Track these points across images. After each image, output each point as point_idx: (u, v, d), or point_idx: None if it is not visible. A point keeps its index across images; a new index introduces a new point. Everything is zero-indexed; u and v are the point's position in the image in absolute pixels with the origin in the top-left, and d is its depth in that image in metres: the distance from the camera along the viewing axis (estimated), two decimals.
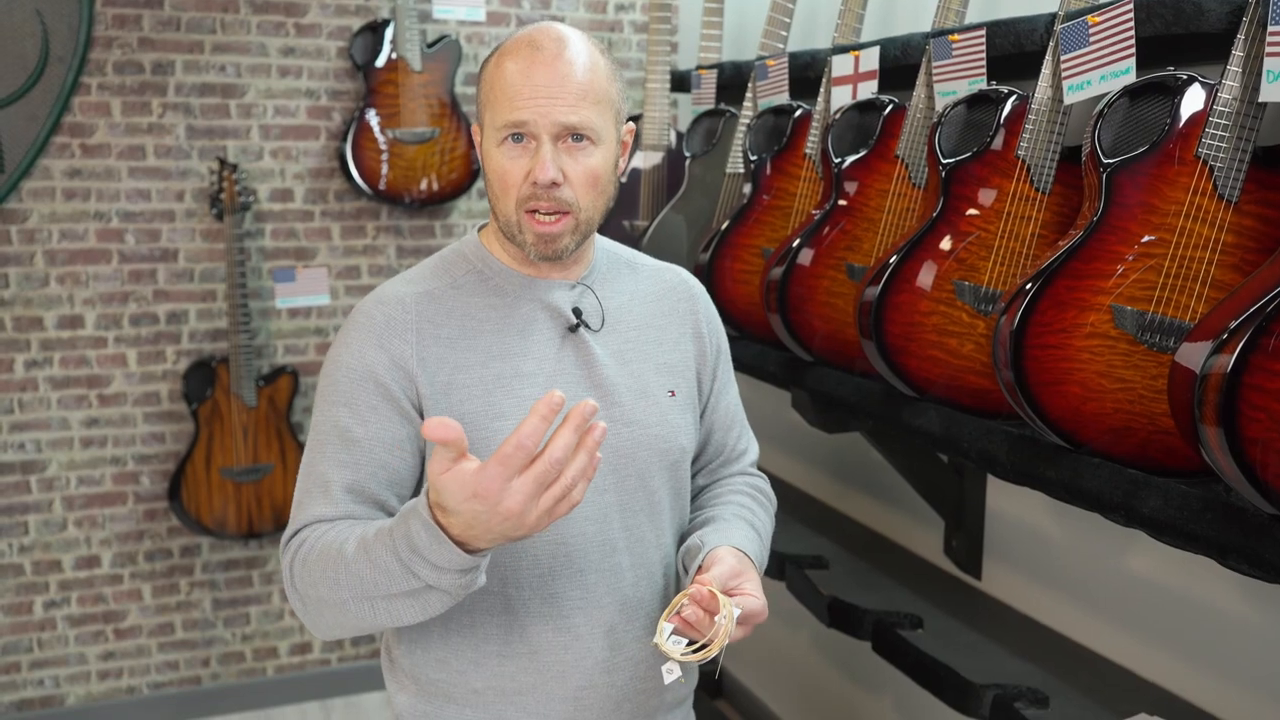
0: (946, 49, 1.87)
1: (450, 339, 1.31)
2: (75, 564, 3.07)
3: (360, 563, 1.15)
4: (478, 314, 1.33)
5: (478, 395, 1.29)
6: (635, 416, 1.36)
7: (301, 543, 1.23)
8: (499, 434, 1.26)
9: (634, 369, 1.38)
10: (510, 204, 1.28)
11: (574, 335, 1.35)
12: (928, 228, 1.72)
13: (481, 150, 1.32)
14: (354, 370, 1.29)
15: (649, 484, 1.37)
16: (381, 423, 1.27)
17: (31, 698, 3.08)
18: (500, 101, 1.25)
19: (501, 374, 1.31)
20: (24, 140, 2.86)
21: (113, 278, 2.99)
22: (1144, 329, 1.40)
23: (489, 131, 1.28)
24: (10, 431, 2.96)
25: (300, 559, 1.22)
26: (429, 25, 3.14)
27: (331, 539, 1.20)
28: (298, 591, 1.24)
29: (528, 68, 1.24)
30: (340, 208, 3.17)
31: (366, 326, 1.31)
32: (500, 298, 1.35)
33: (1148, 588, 1.84)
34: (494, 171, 1.28)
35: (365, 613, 1.18)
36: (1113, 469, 1.40)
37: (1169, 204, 1.40)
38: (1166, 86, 1.42)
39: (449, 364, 1.30)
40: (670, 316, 1.46)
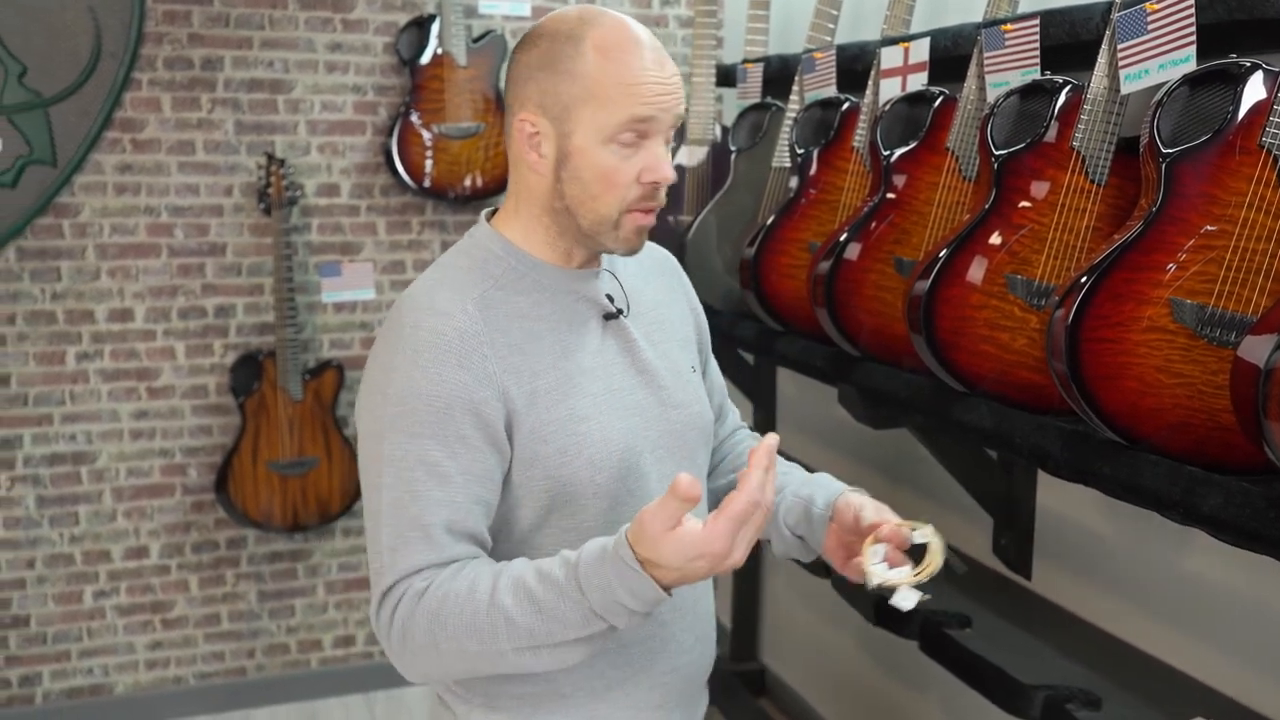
0: (999, 39, 1.84)
1: (518, 344, 1.24)
2: (124, 554, 3.11)
3: (527, 614, 1.11)
4: (531, 313, 1.26)
5: (559, 400, 1.24)
6: (679, 398, 1.35)
7: (419, 594, 1.15)
8: (584, 438, 1.23)
9: (663, 349, 1.37)
10: (614, 205, 1.22)
11: (613, 323, 1.32)
12: (979, 220, 1.69)
13: (559, 147, 1.22)
14: (437, 398, 1.18)
15: (698, 463, 1.37)
16: (473, 454, 1.19)
17: (81, 686, 3.13)
18: (617, 96, 1.18)
19: (570, 373, 1.26)
20: (76, 135, 2.89)
21: (162, 272, 3.02)
22: (1204, 323, 1.37)
23: (589, 128, 1.19)
24: (62, 423, 3.01)
25: (426, 611, 1.15)
26: (474, 20, 3.14)
27: (464, 589, 1.14)
28: (415, 642, 1.16)
29: (646, 62, 1.19)
30: (386, 203, 3.19)
31: (439, 346, 1.19)
32: (542, 293, 1.28)
33: (1204, 588, 1.80)
34: (598, 172, 1.20)
35: (525, 661, 1.15)
36: (1171, 466, 1.37)
37: (1231, 194, 1.36)
38: (1229, 74, 1.38)
39: (527, 371, 1.23)
40: (671, 291, 1.45)
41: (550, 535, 1.26)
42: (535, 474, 1.23)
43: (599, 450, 1.25)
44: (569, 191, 1.23)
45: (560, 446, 1.23)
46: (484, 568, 1.18)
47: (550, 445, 1.22)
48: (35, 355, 2.96)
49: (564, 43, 1.20)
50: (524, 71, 1.23)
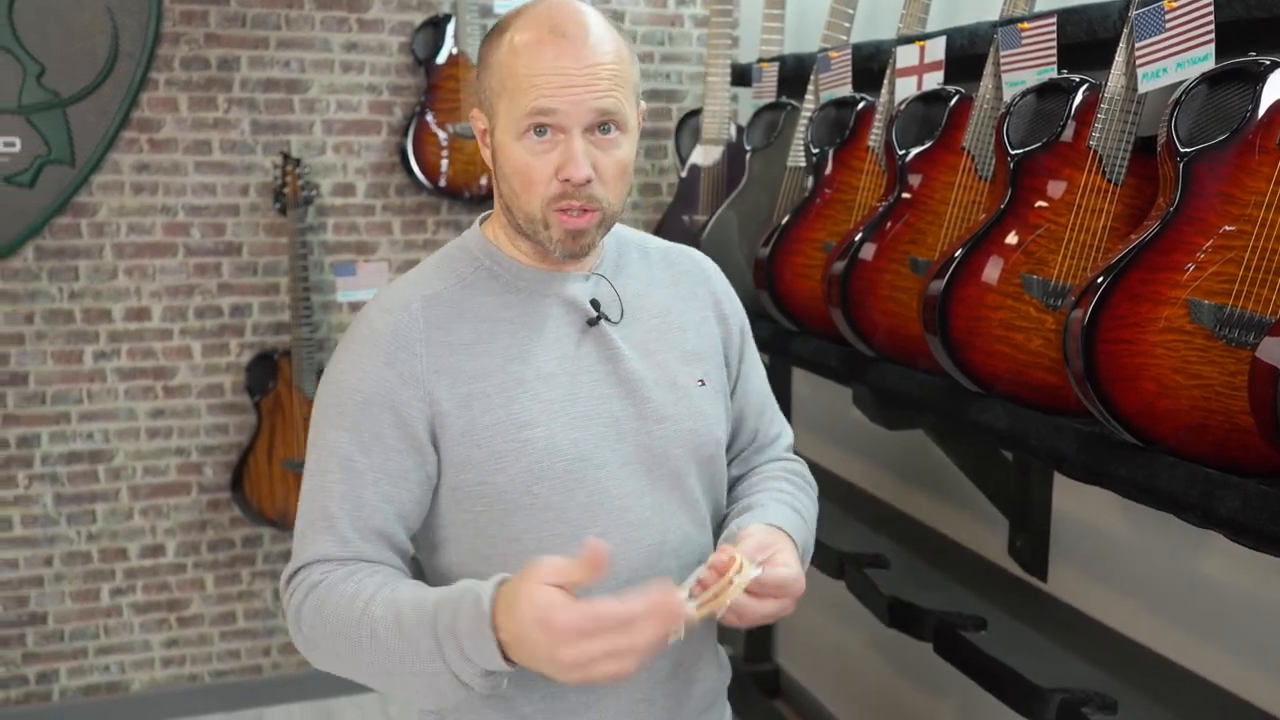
0: (1015, 38, 1.83)
1: (464, 344, 1.21)
2: (141, 553, 3.12)
3: (390, 633, 1.09)
4: (491, 314, 1.23)
5: (499, 404, 1.20)
6: (666, 412, 1.27)
7: (312, 586, 1.16)
8: (527, 444, 1.19)
9: (659, 360, 1.30)
10: (535, 202, 1.18)
11: (594, 329, 1.26)
12: (995, 220, 1.68)
13: (491, 142, 1.21)
14: (359, 391, 1.18)
15: (685, 482, 1.29)
16: (387, 452, 1.18)
17: (98, 683, 3.14)
18: (522, 89, 1.14)
19: (523, 377, 1.21)
20: (94, 135, 2.91)
21: (178, 271, 3.04)
22: (1222, 323, 1.36)
23: (505, 122, 1.17)
24: (79, 421, 3.02)
25: (312, 606, 1.16)
26: (489, 20, 3.14)
27: (350, 593, 1.13)
28: (303, 634, 1.18)
29: (554, 51, 1.14)
30: (401, 202, 3.19)
31: (371, 340, 1.20)
32: (513, 294, 1.25)
33: (1221, 590, 1.78)
34: (514, 167, 1.18)
35: (382, 682, 1.14)
36: (1189, 468, 1.36)
37: (1250, 194, 1.35)
38: (1248, 73, 1.37)
39: (465, 373, 1.20)
40: (690, 300, 1.37)
41: (492, 545, 1.22)
42: (468, 479, 1.20)
43: (540, 458, 1.20)
44: (503, 189, 1.22)
45: (496, 451, 1.19)
46: (375, 576, 1.15)
47: (484, 450, 1.19)
48: (53, 354, 2.98)
49: (495, 35, 1.20)
50: (476, 70, 1.24)
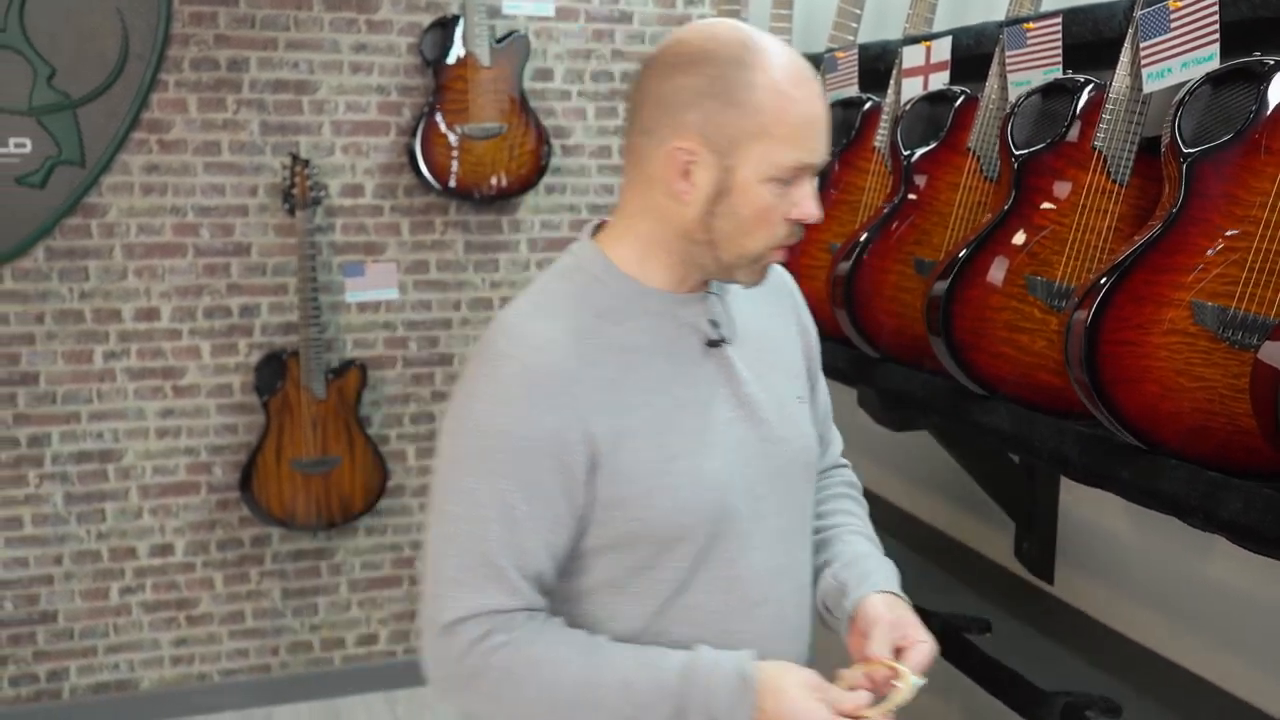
0: (1021, 38, 1.82)
1: (611, 380, 1.17)
2: (150, 552, 3.14)
3: (618, 701, 1.13)
4: (627, 344, 1.19)
5: (648, 439, 1.17)
6: (782, 432, 1.27)
7: (495, 648, 1.14)
8: (674, 479, 1.18)
9: (768, 380, 1.28)
10: (763, 241, 1.17)
11: (715, 350, 1.24)
12: (999, 221, 1.67)
13: (727, 181, 1.15)
14: (521, 439, 1.14)
15: (801, 500, 1.30)
16: (548, 499, 1.15)
17: (107, 681, 3.16)
18: (792, 139, 1.13)
19: (665, 409, 1.19)
20: (104, 136, 2.92)
21: (188, 271, 3.05)
22: (1226, 325, 1.35)
23: (757, 164, 1.13)
24: (89, 421, 3.04)
25: (498, 664, 1.14)
26: (498, 21, 3.15)
27: (551, 657, 1.15)
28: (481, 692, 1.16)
29: (816, 106, 1.15)
30: (409, 203, 3.20)
31: (526, 380, 1.15)
32: (643, 320, 1.21)
33: (1230, 594, 1.77)
34: (755, 209, 1.15)
35: None
36: (1191, 470, 1.35)
37: (1254, 195, 1.34)
38: (1252, 72, 1.36)
39: (615, 409, 1.16)
40: (779, 316, 1.37)
41: (631, 579, 1.21)
42: (618, 515, 1.18)
43: (689, 492, 1.19)
44: (720, 226, 1.17)
45: (647, 488, 1.17)
46: (571, 638, 1.17)
47: (637, 486, 1.17)
48: (63, 354, 2.99)
49: (735, 69, 1.12)
50: (685, 96, 1.14)
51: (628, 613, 1.21)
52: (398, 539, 3.35)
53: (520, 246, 3.31)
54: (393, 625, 3.39)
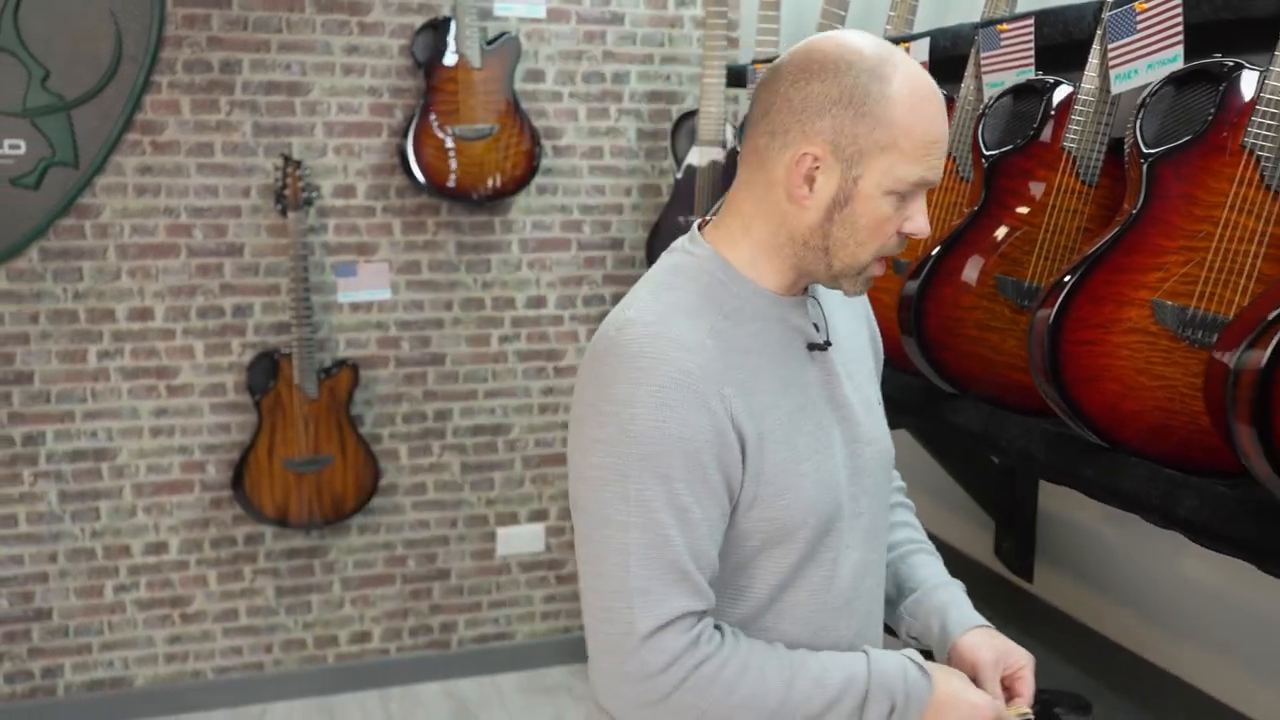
0: (995, 39, 1.83)
1: (747, 382, 1.18)
2: (144, 550, 3.17)
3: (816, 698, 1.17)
4: (753, 347, 1.21)
5: (782, 442, 1.20)
6: (871, 434, 1.30)
7: (701, 656, 1.15)
8: (803, 479, 1.20)
9: (858, 382, 1.31)
10: (873, 251, 1.19)
11: (816, 354, 1.26)
12: (968, 221, 1.69)
13: (850, 190, 1.16)
14: (688, 441, 1.13)
15: (883, 499, 1.33)
16: (715, 498, 1.16)
17: (102, 678, 3.19)
18: (917, 155, 1.14)
19: (790, 411, 1.21)
20: (98, 138, 2.95)
21: (181, 271, 3.08)
22: (1185, 324, 1.36)
23: (880, 177, 1.14)
24: (83, 420, 3.07)
25: (709, 673, 1.15)
26: (489, 22, 3.17)
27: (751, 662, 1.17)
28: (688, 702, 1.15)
29: (937, 118, 1.16)
30: (401, 204, 3.22)
31: (686, 385, 1.14)
32: (761, 323, 1.23)
33: (1204, 594, 1.78)
34: (872, 220, 1.16)
35: None
36: (1150, 468, 1.36)
37: (1213, 196, 1.35)
38: (1211, 74, 1.37)
39: (755, 411, 1.18)
40: (855, 320, 1.38)
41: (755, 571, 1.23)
42: (754, 514, 1.20)
43: (815, 491, 1.22)
44: (836, 233, 1.18)
45: (780, 488, 1.19)
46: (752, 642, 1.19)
47: (772, 486, 1.19)
48: (57, 354, 3.02)
49: (870, 81, 1.13)
50: (819, 103, 1.14)
51: (733, 611, 1.22)
52: (390, 537, 3.37)
53: (512, 247, 3.33)
54: (385, 623, 3.42)
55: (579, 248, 3.39)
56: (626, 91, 3.35)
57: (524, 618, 3.54)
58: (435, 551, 3.42)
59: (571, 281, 3.40)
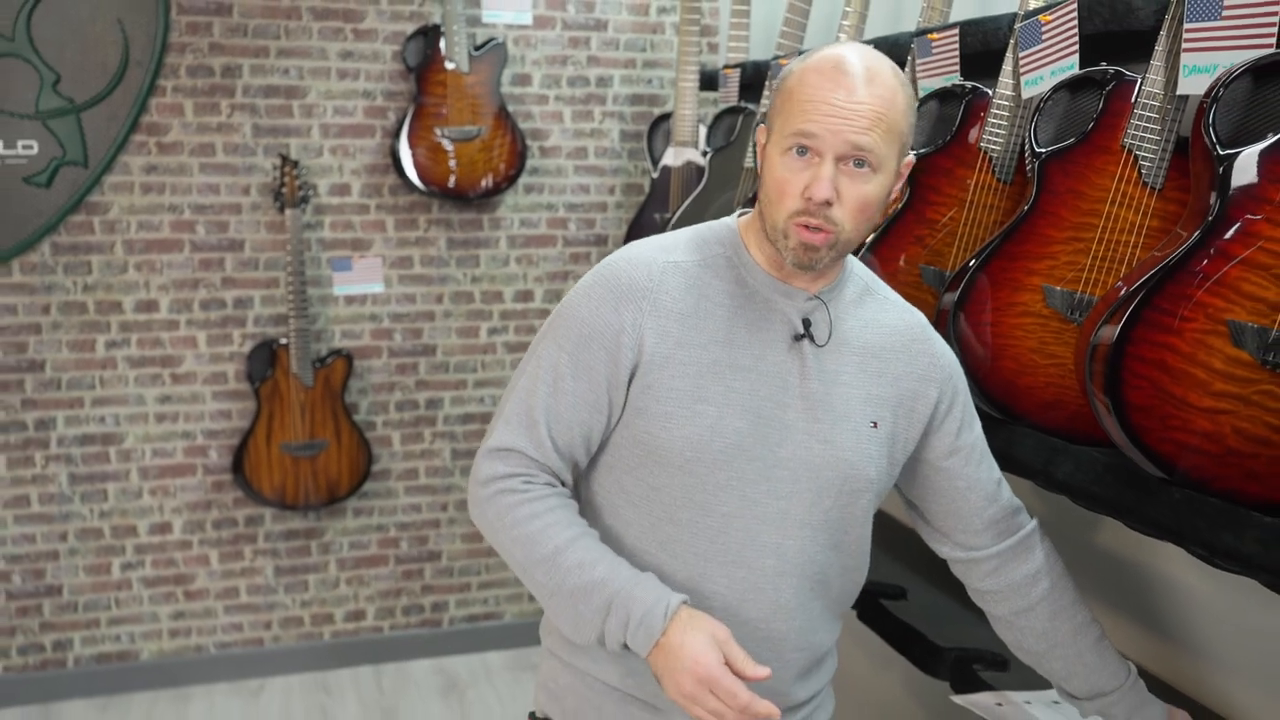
0: (928, 47, 1.97)
1: (681, 314, 1.35)
2: (149, 529, 3.33)
3: (570, 571, 1.30)
4: (716, 297, 1.37)
5: (689, 375, 1.34)
6: (830, 436, 1.38)
7: (508, 488, 1.36)
8: (697, 416, 1.34)
9: (845, 392, 1.39)
10: (781, 213, 1.29)
11: (797, 345, 1.37)
12: (895, 216, 1.83)
13: (763, 154, 1.34)
14: (588, 325, 1.35)
15: (823, 501, 1.39)
16: (594, 384, 1.36)
17: (109, 652, 3.35)
18: (794, 111, 1.27)
19: (718, 361, 1.35)
20: (106, 138, 3.11)
21: (185, 265, 3.24)
22: (1073, 307, 1.50)
23: (776, 138, 1.30)
24: (92, 406, 3.23)
25: (506, 505, 1.35)
26: (478, 29, 3.32)
27: (543, 517, 1.34)
28: (487, 520, 1.37)
29: (829, 84, 1.25)
30: (394, 201, 3.37)
31: (611, 285, 1.36)
32: (741, 289, 1.38)
33: (1114, 563, 1.91)
34: (773, 179, 1.30)
35: (535, 589, 1.35)
36: (1037, 438, 1.50)
37: (1096, 191, 1.49)
38: (1096, 80, 1.51)
39: (674, 338, 1.34)
40: (899, 356, 1.43)
41: (635, 487, 1.40)
42: (639, 425, 1.36)
43: (702, 433, 1.34)
44: (761, 195, 1.34)
45: (667, 411, 1.34)
46: (565, 512, 1.36)
47: (660, 406, 1.34)
48: (68, 343, 3.19)
49: (795, 64, 1.32)
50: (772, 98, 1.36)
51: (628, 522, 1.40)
52: (384, 520, 3.53)
53: (500, 243, 3.48)
54: (379, 602, 3.57)
55: (564, 244, 3.54)
56: (610, 95, 3.50)
57: (512, 598, 3.70)
58: (427, 534, 3.57)
59: (557, 276, 3.55)
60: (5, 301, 3.13)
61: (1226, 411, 1.22)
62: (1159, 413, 1.24)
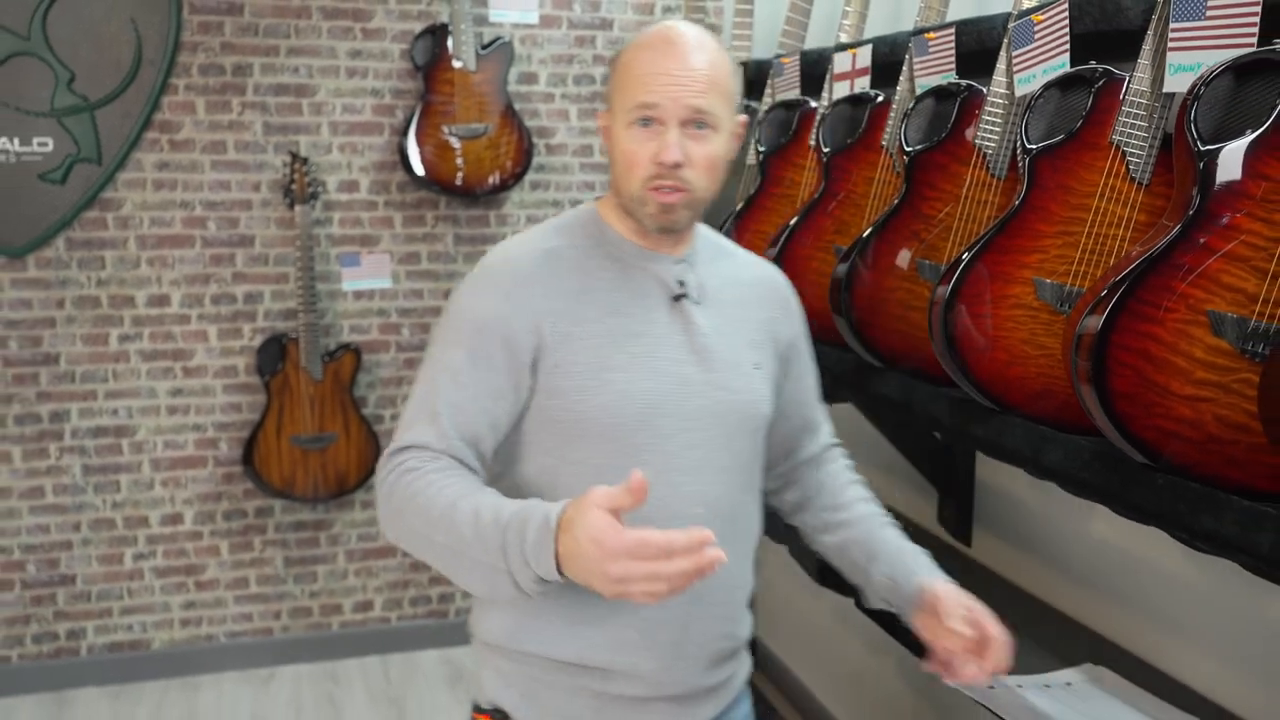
0: (924, 46, 2.01)
1: (572, 292, 1.41)
2: (161, 520, 3.39)
3: (465, 523, 1.28)
4: (595, 274, 1.44)
5: (592, 347, 1.40)
6: (727, 382, 1.46)
7: (409, 469, 1.35)
8: (608, 385, 1.39)
9: (728, 340, 1.49)
10: (635, 182, 1.38)
11: (678, 305, 1.46)
12: (892, 211, 1.87)
13: (610, 133, 1.42)
14: (480, 317, 1.39)
15: (734, 445, 1.48)
16: (493, 373, 1.38)
17: (121, 641, 3.41)
18: (633, 86, 1.35)
19: (615, 330, 1.42)
20: (119, 136, 3.17)
21: (196, 261, 3.29)
22: (1062, 300, 1.54)
23: (619, 114, 1.38)
24: (105, 399, 3.29)
25: (404, 482, 1.34)
26: (484, 28, 3.36)
27: (440, 483, 1.33)
28: (391, 506, 1.36)
29: (662, 57, 1.34)
30: (402, 198, 3.42)
31: (495, 278, 1.42)
32: (615, 263, 1.45)
33: (1103, 550, 1.96)
34: (622, 152, 1.38)
35: (446, 561, 1.34)
36: (1027, 427, 1.54)
37: (1085, 186, 1.53)
38: (1085, 79, 1.55)
39: (569, 316, 1.40)
40: (760, 304, 1.56)
41: (561, 465, 1.42)
42: (554, 404, 1.40)
43: (617, 399, 1.39)
44: (613, 171, 1.43)
45: (580, 385, 1.39)
46: (463, 477, 1.36)
47: (572, 382, 1.39)
48: (82, 337, 3.24)
49: (625, 46, 1.42)
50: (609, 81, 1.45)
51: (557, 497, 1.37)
52: None
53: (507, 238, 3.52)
54: (387, 593, 3.62)
55: None
56: None
57: None
58: None
59: None
60: (21, 296, 3.18)
61: (1207, 399, 1.26)
62: (1142, 400, 1.28)
